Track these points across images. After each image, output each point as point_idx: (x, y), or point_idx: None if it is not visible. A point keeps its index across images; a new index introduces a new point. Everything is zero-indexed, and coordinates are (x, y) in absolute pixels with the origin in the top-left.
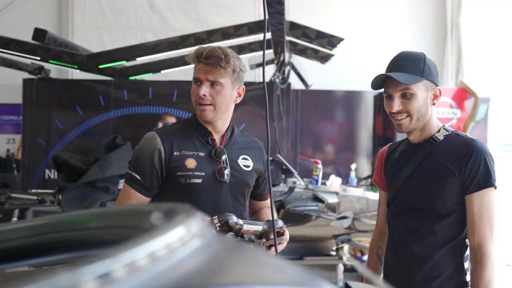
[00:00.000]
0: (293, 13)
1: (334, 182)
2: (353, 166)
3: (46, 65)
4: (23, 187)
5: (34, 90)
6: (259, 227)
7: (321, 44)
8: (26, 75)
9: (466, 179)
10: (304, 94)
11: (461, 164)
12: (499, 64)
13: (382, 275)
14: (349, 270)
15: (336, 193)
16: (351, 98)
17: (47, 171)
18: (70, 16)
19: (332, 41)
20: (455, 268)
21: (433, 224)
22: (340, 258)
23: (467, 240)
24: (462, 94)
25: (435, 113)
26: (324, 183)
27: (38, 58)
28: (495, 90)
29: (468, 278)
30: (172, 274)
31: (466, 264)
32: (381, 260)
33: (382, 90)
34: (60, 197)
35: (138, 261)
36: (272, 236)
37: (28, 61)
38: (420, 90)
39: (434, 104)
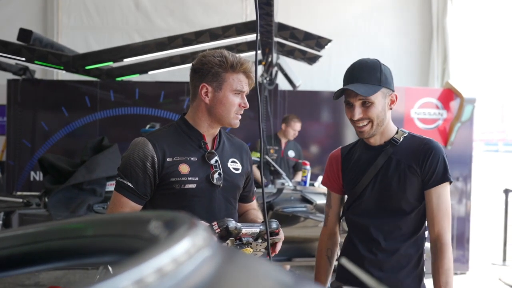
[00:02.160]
0: (280, 14)
1: None
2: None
3: (31, 66)
4: (8, 189)
5: (19, 91)
6: (256, 229)
7: (309, 45)
8: (11, 76)
9: (426, 175)
10: (292, 95)
11: (422, 161)
12: (484, 65)
13: (330, 276)
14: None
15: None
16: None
17: (32, 173)
18: (55, 16)
19: (320, 42)
20: (419, 258)
21: (398, 220)
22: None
23: (426, 233)
24: (448, 95)
25: (390, 115)
26: (312, 184)
27: (23, 59)
28: (480, 90)
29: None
30: None
31: (424, 255)
32: (331, 261)
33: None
34: (46, 199)
35: (146, 277)
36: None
37: (13, 62)
38: (378, 98)
39: (391, 109)
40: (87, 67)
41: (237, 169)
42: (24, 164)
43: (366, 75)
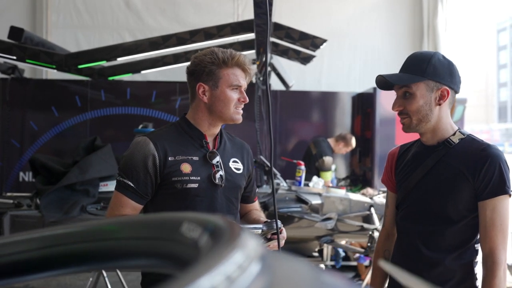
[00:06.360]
0: (273, 14)
1: (317, 183)
2: (332, 167)
3: (19, 65)
4: None
5: (7, 90)
6: (258, 230)
7: (304, 45)
8: None
9: (480, 185)
10: (284, 95)
11: (475, 169)
12: (471, 66)
13: (388, 279)
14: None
15: (319, 194)
16: (330, 99)
17: (21, 174)
18: (44, 15)
19: (315, 42)
20: (465, 274)
21: (443, 229)
22: (324, 260)
23: (476, 246)
24: None
25: (448, 115)
26: (307, 184)
27: (15, 57)
28: (469, 91)
29: (478, 283)
30: None
31: (476, 269)
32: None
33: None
34: (38, 200)
35: None
36: (269, 236)
37: (1, 60)
38: (421, 90)
39: (439, 104)
40: (80, 66)
41: (238, 169)
42: (13, 165)
43: (411, 65)
